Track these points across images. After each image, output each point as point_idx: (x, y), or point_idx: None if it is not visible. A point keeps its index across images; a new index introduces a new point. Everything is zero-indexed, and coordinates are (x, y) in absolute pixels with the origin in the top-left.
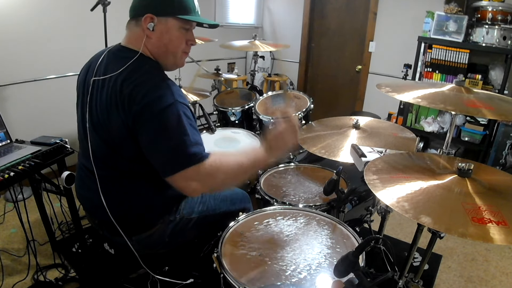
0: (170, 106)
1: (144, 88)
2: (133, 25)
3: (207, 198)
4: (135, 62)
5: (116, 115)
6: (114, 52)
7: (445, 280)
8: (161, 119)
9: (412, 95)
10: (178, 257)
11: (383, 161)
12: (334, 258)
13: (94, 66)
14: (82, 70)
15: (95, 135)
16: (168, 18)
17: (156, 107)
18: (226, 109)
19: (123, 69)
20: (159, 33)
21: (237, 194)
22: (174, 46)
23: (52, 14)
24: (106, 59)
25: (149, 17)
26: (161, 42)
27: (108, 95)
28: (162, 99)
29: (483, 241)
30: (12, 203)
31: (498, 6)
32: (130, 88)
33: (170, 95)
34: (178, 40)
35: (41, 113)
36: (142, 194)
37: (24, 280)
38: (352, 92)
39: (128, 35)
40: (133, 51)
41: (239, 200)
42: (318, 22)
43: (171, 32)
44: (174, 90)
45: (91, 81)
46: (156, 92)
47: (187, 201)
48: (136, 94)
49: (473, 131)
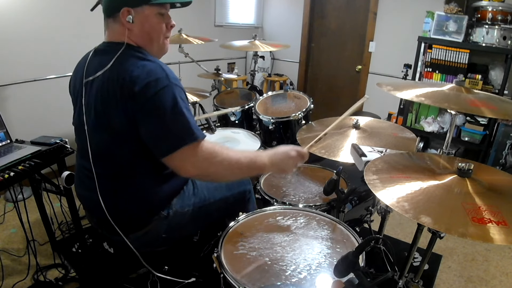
0: (165, 88)
1: (140, 73)
2: (111, 22)
3: (199, 189)
4: (124, 52)
5: (115, 105)
6: (100, 49)
7: (445, 280)
8: (158, 101)
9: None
10: (178, 257)
11: (383, 161)
12: (334, 258)
13: (82, 67)
14: (71, 78)
15: (96, 134)
16: (143, 6)
17: (152, 89)
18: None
19: (115, 60)
20: (139, 23)
21: None
22: (156, 32)
23: (52, 14)
24: (93, 58)
25: (126, 11)
26: (143, 32)
27: (105, 89)
28: (157, 82)
29: (483, 241)
30: (12, 203)
31: (498, 6)
32: (126, 76)
33: (165, 78)
34: (158, 26)
35: (41, 113)
36: (139, 191)
37: (24, 280)
38: (352, 92)
39: (108, 33)
40: (119, 44)
41: (236, 184)
42: (318, 22)
43: (150, 19)
44: (168, 73)
45: (83, 83)
46: (151, 75)
47: (179, 196)
48: (133, 80)
49: (473, 131)
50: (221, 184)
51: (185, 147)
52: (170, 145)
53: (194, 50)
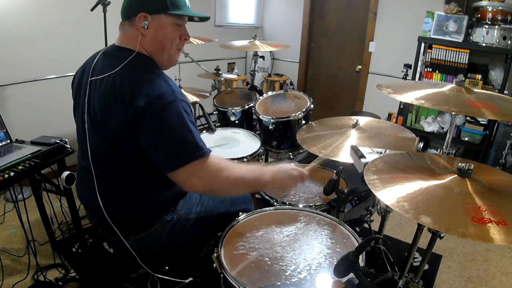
0: (171, 104)
1: (145, 86)
2: (127, 25)
3: (205, 198)
4: (132, 60)
5: (116, 112)
6: (110, 52)
7: (445, 280)
8: (163, 117)
9: (413, 95)
10: (178, 257)
11: (383, 161)
12: (334, 258)
13: (89, 67)
14: (76, 73)
15: (95, 135)
16: (161, 15)
17: (157, 105)
18: (226, 109)
19: (122, 67)
20: (154, 30)
21: (238, 195)
22: (169, 42)
23: (52, 14)
24: (102, 60)
25: (143, 16)
26: (156, 40)
27: (107, 93)
28: (163, 97)
29: (483, 241)
30: (12, 203)
31: (498, 6)
32: (130, 86)
33: (171, 93)
34: (173, 36)
35: (41, 113)
36: (140, 194)
37: (24, 280)
38: (352, 92)
39: (121, 35)
40: (129, 50)
41: (240, 201)
42: (318, 22)
43: (165, 28)
44: (174, 87)
45: (88, 81)
46: (157, 90)
47: (185, 202)
48: (137, 92)
49: (473, 131)
50: (226, 198)
51: (191, 163)
52: (176, 162)
53: (194, 50)
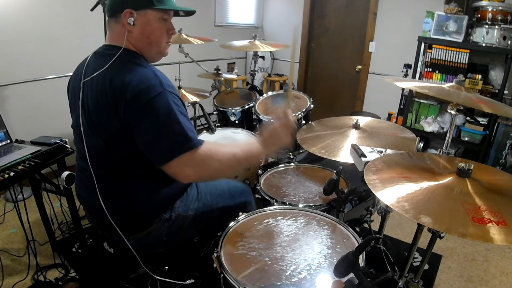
0: (159, 95)
1: (133, 80)
2: (113, 23)
3: (203, 194)
4: (120, 57)
5: (108, 110)
6: (100, 52)
7: (445, 280)
8: (151, 109)
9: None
10: (178, 257)
11: (383, 161)
12: (334, 258)
13: (81, 69)
14: (70, 78)
15: (91, 135)
16: (146, 10)
17: (145, 97)
18: (226, 109)
19: (110, 64)
20: (140, 26)
21: (237, 188)
22: (156, 36)
23: (52, 14)
24: (93, 60)
25: (128, 12)
26: (143, 35)
27: (99, 92)
28: (150, 89)
29: (483, 241)
30: (12, 203)
31: (498, 6)
32: (118, 82)
33: (159, 85)
34: (159, 31)
35: (41, 113)
36: (138, 192)
37: (24, 280)
38: (352, 92)
39: (110, 33)
40: (117, 47)
41: (238, 194)
42: (318, 22)
43: (151, 23)
44: (162, 79)
45: (81, 84)
46: (145, 82)
47: (182, 199)
48: (125, 86)
49: (473, 131)
50: (224, 191)
51: (182, 154)
52: (167, 154)
53: (194, 50)
